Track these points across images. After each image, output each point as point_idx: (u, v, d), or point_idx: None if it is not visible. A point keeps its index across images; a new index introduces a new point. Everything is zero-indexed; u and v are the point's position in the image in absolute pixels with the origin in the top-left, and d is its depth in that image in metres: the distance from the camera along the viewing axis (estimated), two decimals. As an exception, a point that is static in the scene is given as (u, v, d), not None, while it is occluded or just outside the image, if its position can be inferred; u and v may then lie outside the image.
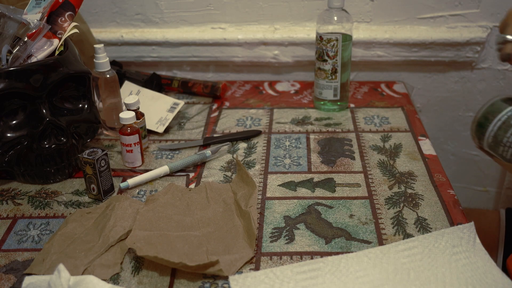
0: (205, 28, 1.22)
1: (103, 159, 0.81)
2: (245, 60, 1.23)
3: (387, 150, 0.95)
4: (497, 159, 0.68)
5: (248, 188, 0.81)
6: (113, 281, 0.67)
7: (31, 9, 0.88)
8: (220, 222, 0.76)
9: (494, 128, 0.66)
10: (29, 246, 0.74)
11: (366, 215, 0.78)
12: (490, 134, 0.66)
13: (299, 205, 0.81)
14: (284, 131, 1.02)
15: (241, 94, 1.18)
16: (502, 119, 0.65)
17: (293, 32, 1.20)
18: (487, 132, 0.67)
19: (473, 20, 1.17)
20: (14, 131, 0.82)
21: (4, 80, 0.78)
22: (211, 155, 0.93)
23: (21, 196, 0.85)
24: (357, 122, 1.05)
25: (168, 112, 1.04)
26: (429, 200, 0.81)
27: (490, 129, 0.66)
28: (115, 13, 1.22)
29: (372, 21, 1.20)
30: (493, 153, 0.68)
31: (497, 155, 0.67)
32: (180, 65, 1.27)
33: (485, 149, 0.69)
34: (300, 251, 0.72)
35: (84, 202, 0.83)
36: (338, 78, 1.05)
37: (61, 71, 0.83)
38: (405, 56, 1.20)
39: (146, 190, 0.86)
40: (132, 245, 0.69)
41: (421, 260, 0.68)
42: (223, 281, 0.67)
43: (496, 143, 0.66)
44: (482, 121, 0.68)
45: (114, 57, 1.23)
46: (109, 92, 0.98)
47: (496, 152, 0.67)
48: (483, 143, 0.68)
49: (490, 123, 0.67)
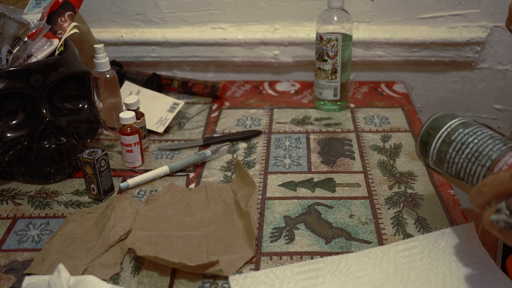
0: (205, 28, 1.22)
1: (103, 159, 0.81)
2: (245, 60, 1.23)
3: (387, 150, 0.95)
4: (444, 175, 0.66)
5: (248, 188, 0.81)
6: (113, 281, 0.67)
7: (31, 9, 0.88)
8: (220, 222, 0.76)
9: (436, 145, 0.64)
10: (29, 246, 0.74)
11: (366, 215, 0.78)
12: (433, 151, 0.65)
13: (299, 205, 0.81)
14: (284, 131, 1.02)
15: (241, 94, 1.18)
16: (443, 135, 0.64)
17: (293, 32, 1.20)
18: (430, 149, 0.65)
19: (473, 20, 1.17)
20: (14, 131, 0.82)
21: (4, 80, 0.78)
22: (211, 155, 0.93)
23: (21, 196, 0.85)
24: (357, 122, 1.05)
25: (168, 112, 1.04)
26: (429, 200, 0.81)
27: (433, 146, 0.65)
28: (115, 13, 1.22)
29: (372, 21, 1.20)
30: (439, 171, 0.66)
31: (443, 172, 0.65)
32: (180, 65, 1.27)
33: (432, 167, 0.67)
34: (300, 251, 0.72)
35: (84, 202, 0.83)
36: (338, 78, 1.05)
37: (61, 71, 0.83)
38: (405, 56, 1.20)
39: (146, 190, 0.86)
40: (132, 245, 0.69)
41: (421, 260, 0.68)
42: (223, 281, 0.67)
43: (440, 160, 0.64)
44: (425, 138, 0.66)
45: (114, 57, 1.23)
46: (109, 92, 0.98)
47: (442, 169, 0.65)
48: (429, 161, 0.67)
49: (433, 139, 0.65)
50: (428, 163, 0.67)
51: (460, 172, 0.63)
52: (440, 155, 0.64)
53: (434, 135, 0.65)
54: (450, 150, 0.63)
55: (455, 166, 0.63)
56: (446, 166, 0.64)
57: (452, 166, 0.63)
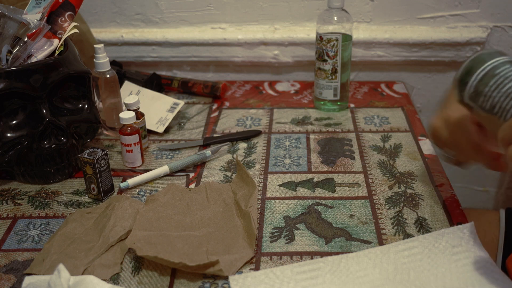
0: (205, 28, 1.22)
1: (103, 159, 0.81)
2: (245, 60, 1.23)
3: (387, 150, 0.95)
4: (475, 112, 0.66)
5: (248, 188, 0.81)
6: (113, 281, 0.67)
7: (31, 9, 0.88)
8: (220, 222, 0.76)
9: (478, 77, 0.64)
10: (29, 246, 0.74)
11: (366, 215, 0.78)
12: (473, 83, 0.64)
13: (299, 205, 0.81)
14: (284, 131, 1.02)
15: (241, 94, 1.18)
16: (487, 68, 0.64)
17: (293, 32, 1.20)
18: (470, 81, 0.65)
19: (473, 20, 1.17)
20: (14, 131, 0.82)
21: (4, 80, 0.78)
22: (211, 155, 0.93)
23: (21, 196, 0.85)
24: (357, 122, 1.05)
25: (168, 112, 1.04)
26: (429, 200, 0.81)
27: (474, 78, 0.64)
28: (115, 13, 1.22)
29: (372, 21, 1.20)
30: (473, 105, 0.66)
31: (477, 106, 0.65)
32: (180, 65, 1.27)
33: (466, 101, 0.67)
34: (300, 251, 0.72)
35: (84, 202, 0.83)
36: (338, 78, 1.05)
37: (61, 71, 0.83)
38: (405, 56, 1.20)
39: (146, 190, 0.86)
40: (132, 245, 0.69)
41: (421, 260, 0.68)
42: (223, 281, 0.67)
43: (477, 93, 0.63)
44: (468, 69, 0.65)
45: (114, 57, 1.23)
46: (109, 92, 0.98)
47: (476, 103, 0.64)
48: (464, 95, 0.66)
49: (473, 74, 0.65)
50: (463, 96, 0.66)
51: (495, 106, 0.62)
52: (479, 87, 0.63)
53: (479, 67, 0.64)
54: (491, 83, 0.62)
55: (491, 100, 0.62)
56: (482, 100, 0.63)
57: (489, 100, 0.63)
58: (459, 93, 0.67)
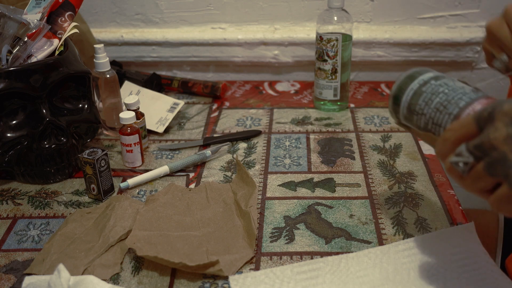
0: (205, 28, 1.22)
1: (103, 159, 0.81)
2: (245, 60, 1.23)
3: (387, 150, 0.95)
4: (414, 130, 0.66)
5: (248, 188, 0.81)
6: (113, 281, 0.67)
7: (31, 9, 0.88)
8: (220, 222, 0.76)
9: (407, 98, 0.64)
10: (29, 246, 0.74)
11: (366, 215, 0.78)
12: (404, 105, 0.64)
13: (299, 205, 0.81)
14: (284, 131, 1.02)
15: (241, 94, 1.18)
16: (415, 87, 0.63)
17: (293, 32, 1.20)
18: (401, 102, 0.65)
19: (473, 20, 1.17)
20: (14, 131, 0.82)
21: (4, 80, 0.78)
22: (211, 155, 0.93)
23: (21, 196, 0.85)
24: (357, 122, 1.05)
25: (168, 112, 1.04)
26: (429, 200, 0.81)
27: (404, 99, 0.64)
28: (115, 13, 1.22)
29: (372, 21, 1.20)
30: (409, 125, 0.66)
31: (413, 126, 0.65)
32: (180, 65, 1.27)
33: (403, 122, 0.67)
34: (300, 251, 0.72)
35: (84, 202, 0.83)
36: (338, 78, 1.05)
37: (61, 71, 0.83)
38: (405, 56, 1.20)
39: (146, 190, 0.86)
40: (132, 245, 0.69)
41: (421, 260, 0.68)
42: (223, 281, 0.67)
43: (410, 112, 0.63)
44: (397, 92, 0.65)
45: (114, 57, 1.23)
46: (109, 92, 0.98)
47: (411, 123, 0.64)
48: (400, 116, 0.66)
49: (404, 92, 0.64)
50: (399, 118, 0.66)
51: (428, 123, 0.61)
52: (410, 107, 0.63)
53: (406, 88, 0.64)
54: (420, 101, 0.62)
55: (424, 118, 0.62)
56: (416, 119, 0.63)
57: (421, 118, 0.62)
58: (396, 115, 0.67)
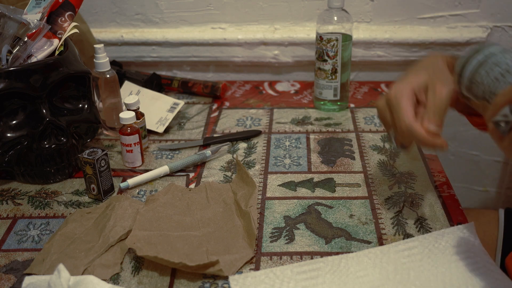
0: (205, 28, 1.22)
1: (103, 159, 0.81)
2: (245, 60, 1.23)
3: (387, 150, 0.95)
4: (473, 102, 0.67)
5: (248, 188, 0.81)
6: (113, 281, 0.67)
7: (31, 9, 0.88)
8: (220, 222, 0.76)
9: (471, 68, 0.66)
10: (29, 246, 0.74)
11: (366, 215, 0.78)
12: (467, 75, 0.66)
13: (299, 205, 0.81)
14: (284, 131, 1.02)
15: (241, 94, 1.18)
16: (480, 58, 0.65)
17: (293, 32, 1.20)
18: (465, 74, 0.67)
19: (473, 20, 1.17)
20: (14, 131, 0.82)
21: (4, 80, 0.78)
22: (211, 155, 0.93)
23: (21, 196, 0.85)
24: (357, 122, 1.05)
25: (168, 112, 1.04)
26: (429, 200, 0.81)
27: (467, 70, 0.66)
28: (115, 13, 1.22)
29: (372, 21, 1.20)
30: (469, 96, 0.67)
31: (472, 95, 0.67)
32: (180, 65, 1.27)
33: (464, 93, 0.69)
34: (300, 251, 0.72)
35: (84, 202, 0.83)
36: (338, 78, 1.05)
37: (61, 71, 0.83)
38: (405, 56, 1.20)
39: (146, 190, 0.86)
40: (132, 245, 0.69)
41: (421, 260, 0.68)
42: (223, 281, 0.67)
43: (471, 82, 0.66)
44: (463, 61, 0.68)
45: (114, 57, 1.23)
46: (109, 92, 0.98)
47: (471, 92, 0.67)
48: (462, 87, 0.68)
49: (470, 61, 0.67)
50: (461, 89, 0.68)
51: (485, 91, 0.64)
52: (473, 77, 0.65)
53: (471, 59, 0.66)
54: (482, 71, 0.64)
55: (482, 86, 0.64)
56: (475, 89, 0.65)
57: (480, 87, 0.65)
58: (459, 86, 0.68)
